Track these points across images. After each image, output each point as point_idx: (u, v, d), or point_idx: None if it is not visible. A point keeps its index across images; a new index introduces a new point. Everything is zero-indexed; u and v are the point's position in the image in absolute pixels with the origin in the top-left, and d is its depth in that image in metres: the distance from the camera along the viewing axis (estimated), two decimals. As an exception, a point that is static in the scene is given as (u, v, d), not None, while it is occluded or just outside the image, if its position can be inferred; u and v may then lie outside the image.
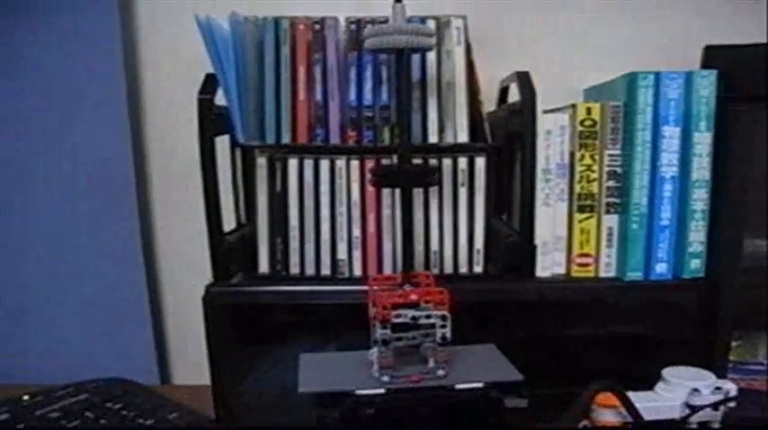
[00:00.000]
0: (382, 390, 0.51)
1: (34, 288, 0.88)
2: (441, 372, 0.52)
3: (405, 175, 0.53)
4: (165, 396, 0.72)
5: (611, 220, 0.67)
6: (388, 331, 0.50)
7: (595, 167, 0.66)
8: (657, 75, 0.63)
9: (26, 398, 0.70)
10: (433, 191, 0.65)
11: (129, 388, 0.74)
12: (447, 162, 0.65)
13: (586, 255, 0.67)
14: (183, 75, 0.84)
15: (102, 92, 0.83)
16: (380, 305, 0.50)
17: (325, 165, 0.65)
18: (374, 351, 0.53)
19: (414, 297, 0.51)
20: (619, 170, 0.66)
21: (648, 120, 0.64)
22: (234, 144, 0.71)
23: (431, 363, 0.52)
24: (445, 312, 0.50)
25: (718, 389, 0.58)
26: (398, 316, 0.50)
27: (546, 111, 0.66)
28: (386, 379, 0.51)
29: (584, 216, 0.67)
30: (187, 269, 0.90)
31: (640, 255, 0.66)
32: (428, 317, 0.50)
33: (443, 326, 0.51)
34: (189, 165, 0.76)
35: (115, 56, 0.82)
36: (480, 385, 0.52)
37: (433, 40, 0.57)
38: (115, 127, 0.84)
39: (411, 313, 0.50)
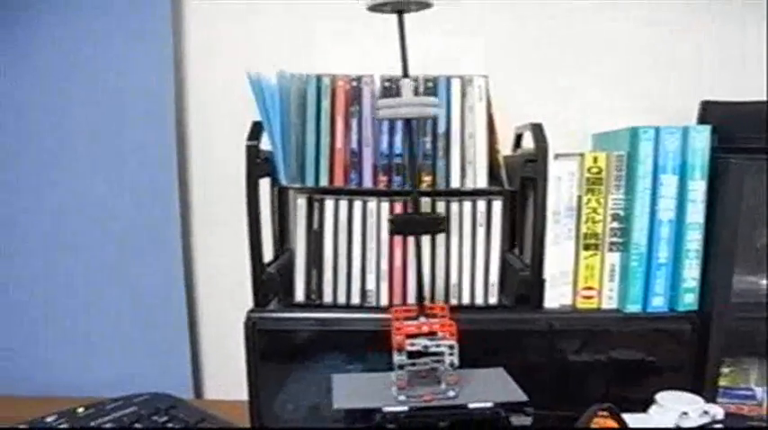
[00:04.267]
0: (406, 408, 0.58)
1: (75, 302, 0.96)
2: (451, 393, 0.59)
3: (416, 224, 0.63)
4: (206, 410, 0.79)
5: (613, 258, 0.74)
6: (403, 357, 0.58)
7: (600, 210, 0.73)
8: (657, 129, 0.71)
9: (80, 410, 0.76)
10: (455, 229, 0.73)
11: (172, 402, 0.80)
12: (467, 204, 0.73)
13: (590, 289, 0.75)
14: (229, 119, 0.92)
15: (153, 133, 0.92)
16: (398, 334, 0.58)
17: (358, 205, 0.73)
18: (395, 373, 0.61)
19: (426, 328, 0.59)
20: (621, 213, 0.73)
21: (648, 169, 0.71)
22: (275, 185, 0.79)
23: (442, 386, 0.60)
24: (453, 342, 0.58)
25: (705, 412, 0.64)
26: (412, 344, 0.58)
27: (557, 156, 0.73)
28: (402, 398, 0.59)
29: (589, 253, 0.74)
30: (223, 295, 0.99)
31: (639, 290, 0.73)
32: (437, 346, 0.58)
33: (451, 354, 0.59)
34: (230, 199, 0.83)
35: (166, 102, 0.92)
36: (490, 405, 0.59)
37: (436, 110, 0.64)
38: (162, 162, 0.93)
39: (423, 343, 0.59)
